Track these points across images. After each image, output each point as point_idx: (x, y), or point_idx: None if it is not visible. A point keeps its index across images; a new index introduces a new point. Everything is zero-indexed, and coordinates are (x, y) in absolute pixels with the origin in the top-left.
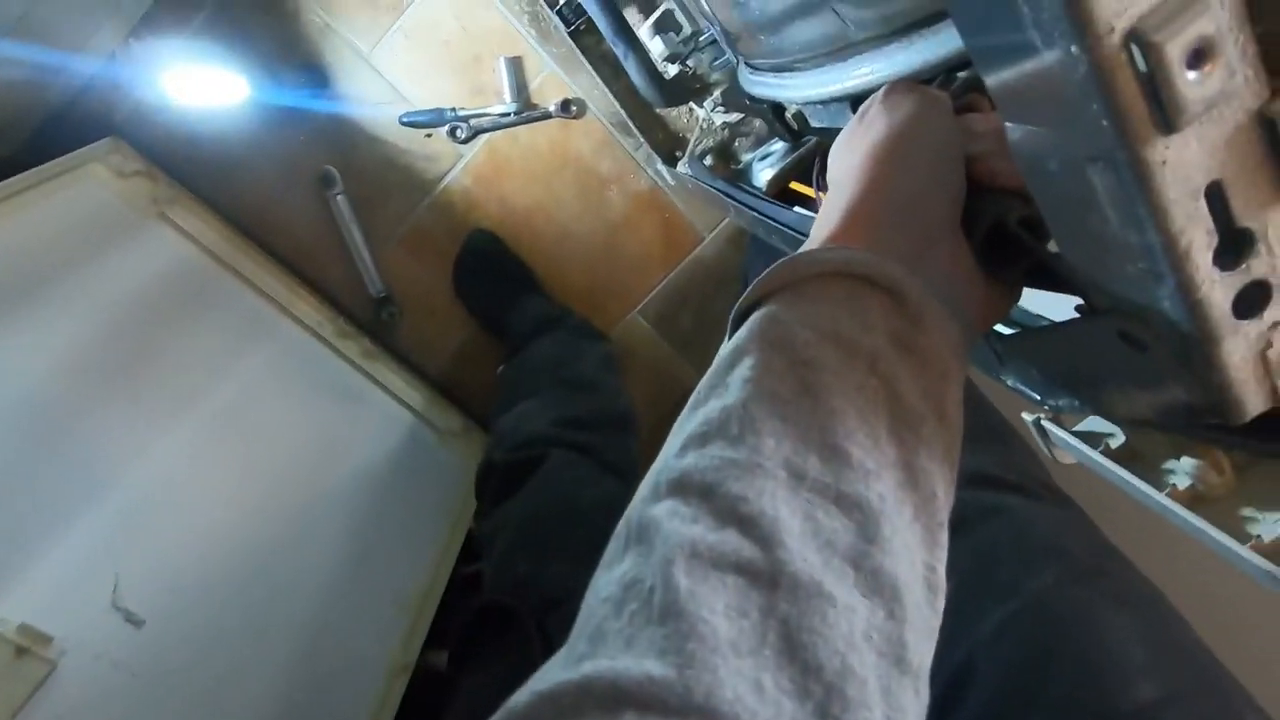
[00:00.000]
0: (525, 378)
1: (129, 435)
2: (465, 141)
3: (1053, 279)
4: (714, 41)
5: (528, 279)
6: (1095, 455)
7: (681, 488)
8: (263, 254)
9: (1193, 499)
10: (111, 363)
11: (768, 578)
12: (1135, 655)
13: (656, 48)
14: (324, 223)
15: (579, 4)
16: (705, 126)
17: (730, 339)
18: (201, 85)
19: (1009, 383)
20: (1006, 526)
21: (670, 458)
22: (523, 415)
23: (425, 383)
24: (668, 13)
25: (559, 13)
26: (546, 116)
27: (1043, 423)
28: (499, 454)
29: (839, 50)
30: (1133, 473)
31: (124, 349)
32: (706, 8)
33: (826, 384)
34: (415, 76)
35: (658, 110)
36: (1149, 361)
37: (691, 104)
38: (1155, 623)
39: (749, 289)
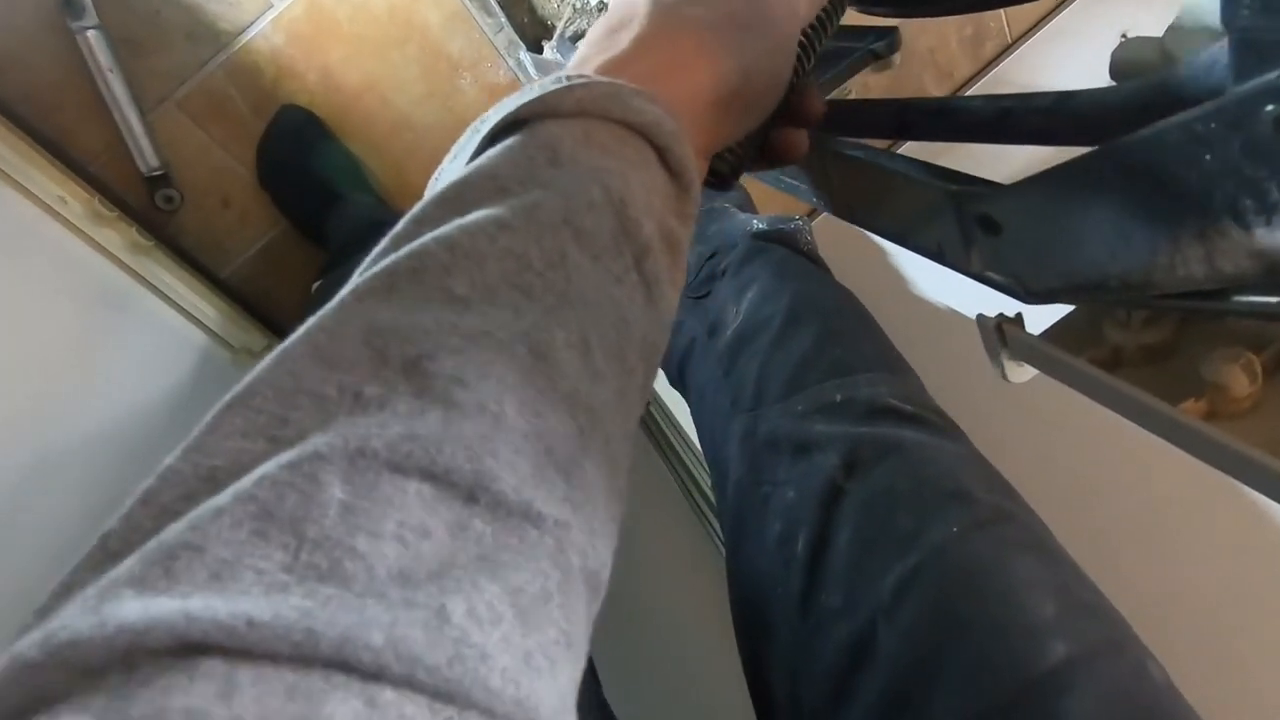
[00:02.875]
0: None
1: None
2: None
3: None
4: None
5: (354, 173)
6: (1077, 363)
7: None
8: None
9: (1209, 413)
10: None
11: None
12: (1045, 610)
13: None
14: (73, 67)
15: None
16: (579, 6)
17: (498, 145)
18: None
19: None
20: (903, 468)
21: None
22: None
23: (216, 290)
24: None
25: None
26: None
27: (1004, 327)
28: None
29: None
30: (1132, 381)
31: None
32: None
33: (581, 267)
34: None
35: None
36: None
37: None
38: (1060, 572)
39: (526, 97)
